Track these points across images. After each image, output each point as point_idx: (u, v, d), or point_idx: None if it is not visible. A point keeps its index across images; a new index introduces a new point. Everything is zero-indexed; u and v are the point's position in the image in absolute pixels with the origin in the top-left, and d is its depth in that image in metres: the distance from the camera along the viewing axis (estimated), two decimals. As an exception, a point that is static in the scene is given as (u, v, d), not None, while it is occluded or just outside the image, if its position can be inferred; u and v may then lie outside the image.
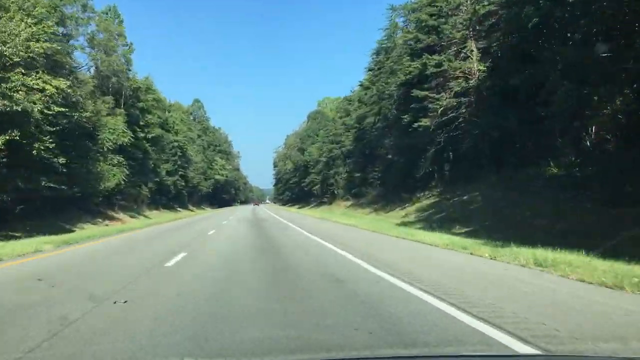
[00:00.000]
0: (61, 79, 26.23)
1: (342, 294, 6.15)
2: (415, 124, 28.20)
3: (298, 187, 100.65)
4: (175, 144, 67.03)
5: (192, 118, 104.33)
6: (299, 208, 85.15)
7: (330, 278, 7.46)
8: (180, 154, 68.88)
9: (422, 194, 34.20)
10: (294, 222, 26.54)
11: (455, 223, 21.71)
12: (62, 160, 25.69)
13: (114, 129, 38.49)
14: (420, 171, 31.21)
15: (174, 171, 66.18)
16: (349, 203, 54.73)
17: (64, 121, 26.12)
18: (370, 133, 45.41)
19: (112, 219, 35.55)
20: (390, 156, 40.07)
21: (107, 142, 37.36)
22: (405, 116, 30.29)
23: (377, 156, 49.09)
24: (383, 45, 41.95)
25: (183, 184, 70.76)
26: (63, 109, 25.36)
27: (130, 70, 48.03)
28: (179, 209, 68.55)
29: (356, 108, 57.74)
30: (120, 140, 38.69)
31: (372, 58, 43.33)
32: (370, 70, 46.07)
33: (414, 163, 37.30)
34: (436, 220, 24.49)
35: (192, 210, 75.76)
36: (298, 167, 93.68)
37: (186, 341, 4.06)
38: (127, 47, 46.33)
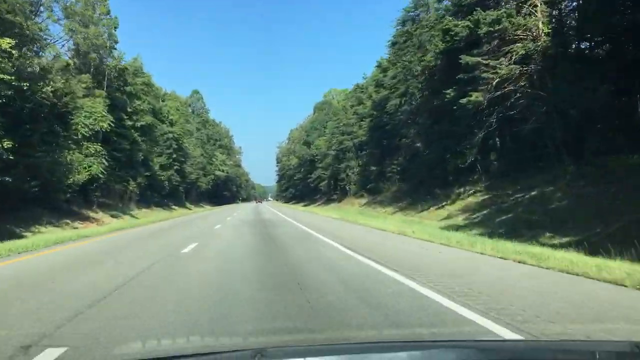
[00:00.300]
0: (7, 39, 20.27)
1: None
2: (464, 100, 21.98)
3: (303, 183, 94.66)
4: (170, 135, 60.88)
5: (190, 111, 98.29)
6: (305, 206, 79.18)
7: None
8: (176, 146, 62.74)
9: (462, 189, 28.06)
10: (316, 228, 19.12)
11: (538, 229, 15.59)
12: (7, 144, 19.67)
13: (90, 113, 32.40)
14: (467, 160, 25.02)
15: (169, 165, 60.07)
16: (363, 200, 48.64)
17: (9, 92, 20.08)
18: (393, 118, 39.18)
19: (86, 219, 29.50)
20: (419, 144, 33.88)
21: (82, 127, 31.32)
22: (448, 91, 24.05)
23: (397, 146, 43.09)
24: (410, 13, 35.72)
25: (179, 179, 64.64)
26: (7, 77, 19.38)
27: (115, 48, 41.93)
28: (174, 207, 62.49)
29: (370, 95, 51.71)
30: (98, 125, 32.60)
31: (397, 29, 37.06)
32: (393, 44, 39.81)
33: (448, 152, 31.25)
34: (501, 223, 18.36)
35: (189, 209, 69.74)
36: (303, 161, 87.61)
37: None
38: (111, 20, 40.14)
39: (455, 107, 23.54)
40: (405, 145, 39.79)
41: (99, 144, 33.60)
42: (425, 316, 4.75)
